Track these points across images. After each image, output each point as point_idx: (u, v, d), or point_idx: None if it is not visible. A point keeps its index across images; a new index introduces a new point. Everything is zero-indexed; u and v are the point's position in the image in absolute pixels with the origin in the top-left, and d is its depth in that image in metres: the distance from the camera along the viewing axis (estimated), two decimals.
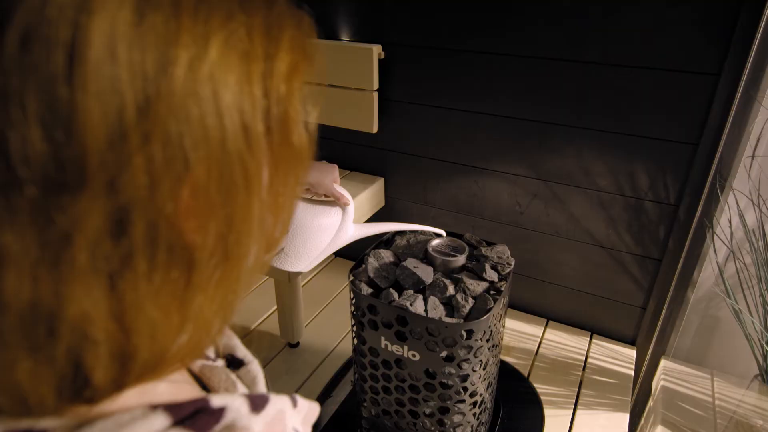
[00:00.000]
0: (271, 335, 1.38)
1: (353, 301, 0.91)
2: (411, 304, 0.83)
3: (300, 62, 0.26)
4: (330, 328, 1.41)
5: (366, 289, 0.90)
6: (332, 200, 0.83)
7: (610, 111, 1.13)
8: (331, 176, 0.80)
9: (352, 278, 0.94)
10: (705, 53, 1.01)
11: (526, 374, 1.26)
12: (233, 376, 0.38)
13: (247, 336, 1.37)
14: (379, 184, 1.48)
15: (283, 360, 1.30)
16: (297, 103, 0.26)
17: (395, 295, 0.87)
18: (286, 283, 1.21)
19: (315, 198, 0.84)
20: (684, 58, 1.03)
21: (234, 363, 0.42)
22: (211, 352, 0.39)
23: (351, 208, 0.85)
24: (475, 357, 0.85)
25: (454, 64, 1.26)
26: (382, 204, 1.53)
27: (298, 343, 1.34)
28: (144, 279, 0.21)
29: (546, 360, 1.30)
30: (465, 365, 0.85)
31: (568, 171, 1.24)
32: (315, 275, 1.64)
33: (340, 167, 1.57)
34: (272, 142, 0.25)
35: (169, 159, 0.20)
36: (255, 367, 0.42)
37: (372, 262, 0.94)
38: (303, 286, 1.58)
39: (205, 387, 0.36)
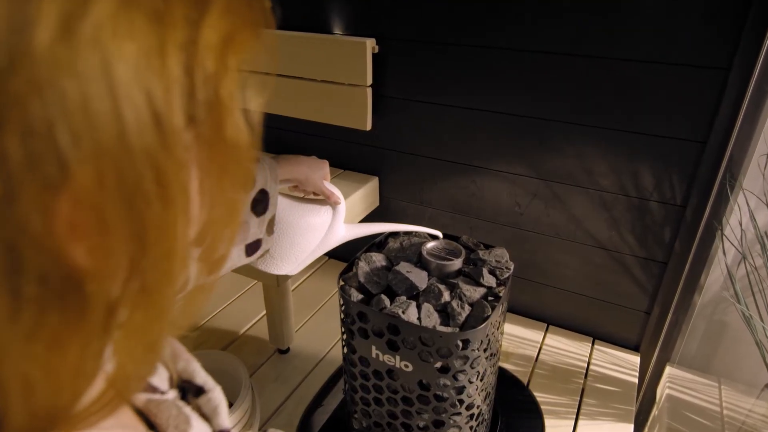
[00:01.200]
0: (260, 340, 1.32)
1: (342, 307, 0.86)
2: (403, 312, 0.78)
3: (238, 32, 0.20)
4: (321, 333, 1.36)
5: (356, 295, 0.85)
6: (322, 198, 0.78)
7: (614, 107, 1.08)
8: (320, 172, 0.75)
9: (341, 283, 0.89)
10: (714, 46, 0.96)
11: (525, 382, 1.21)
12: (187, 409, 0.32)
13: (235, 341, 1.32)
14: (373, 184, 1.43)
15: (273, 367, 1.25)
16: (232, 86, 0.21)
17: (387, 301, 0.82)
18: (274, 286, 1.16)
19: (303, 196, 0.79)
20: (692, 52, 0.98)
21: (193, 390, 0.37)
22: (162, 382, 0.34)
23: (342, 207, 0.79)
24: (472, 368, 0.80)
25: (451, 59, 1.21)
26: (377, 204, 1.48)
27: (288, 349, 1.29)
28: (5, 322, 0.16)
29: (546, 367, 1.25)
30: (461, 376, 0.80)
31: (570, 170, 1.19)
32: (306, 278, 1.58)
33: (332, 166, 1.52)
34: (200, 136, 0.20)
35: (33, 158, 0.15)
36: (217, 395, 0.37)
37: (362, 267, 0.88)
38: (294, 289, 1.53)
39: (152, 425, 0.30)
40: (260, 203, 0.62)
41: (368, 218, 1.46)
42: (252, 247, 0.64)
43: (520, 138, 1.21)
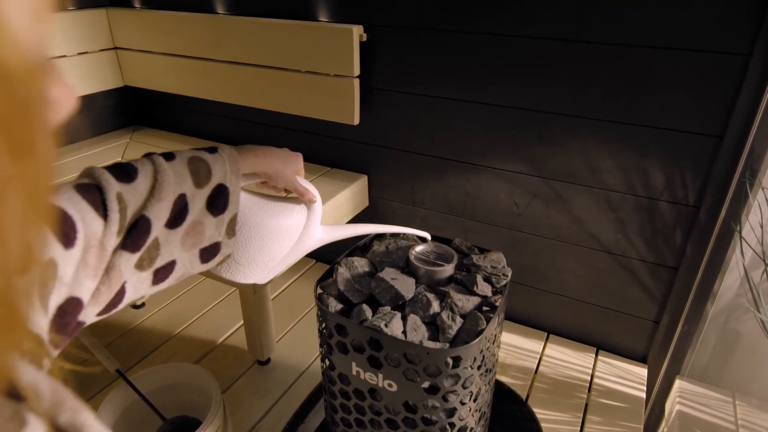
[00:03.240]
0: (238, 351, 1.23)
1: (320, 319, 0.76)
2: (386, 325, 0.69)
3: None
4: (305, 342, 1.26)
5: (335, 305, 0.76)
6: (295, 196, 0.68)
7: (621, 98, 0.99)
8: (293, 167, 0.66)
9: (319, 291, 0.79)
10: (733, 29, 0.87)
11: (524, 396, 1.12)
12: None
13: (211, 352, 1.23)
14: (361, 183, 1.34)
15: (251, 379, 1.15)
16: None
17: (368, 312, 0.73)
18: (251, 293, 1.06)
19: (274, 193, 0.69)
20: (708, 36, 0.89)
21: None
22: None
23: (318, 206, 0.70)
24: (464, 388, 0.71)
25: (444, 47, 1.12)
26: (366, 204, 1.39)
27: (268, 360, 1.19)
28: None
29: (547, 380, 1.16)
30: (452, 397, 0.71)
31: (572, 167, 1.10)
32: (289, 284, 1.49)
33: (318, 163, 1.43)
34: None
35: None
36: None
37: (342, 273, 0.79)
38: (275, 296, 1.43)
39: None
40: (218, 200, 0.53)
41: (357, 219, 1.37)
42: (209, 252, 0.55)
43: (519, 132, 1.12)
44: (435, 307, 0.74)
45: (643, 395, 1.13)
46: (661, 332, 1.16)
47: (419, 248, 0.83)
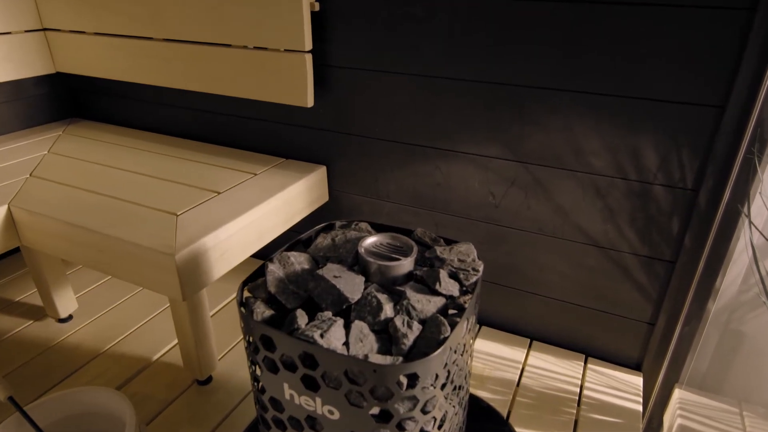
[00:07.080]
0: (176, 369, 1.06)
1: (244, 329, 0.61)
2: (322, 335, 0.54)
3: None
4: None
5: (262, 311, 0.61)
6: None
7: (609, 67, 0.86)
8: None
9: (246, 295, 0.64)
10: None
11: (505, 414, 0.97)
12: None
13: (144, 371, 1.06)
14: (319, 174, 1.18)
15: (187, 403, 0.98)
16: None
17: (302, 320, 0.58)
18: (180, 301, 0.90)
19: None
20: None
21: None
22: None
23: None
24: (425, 413, 0.56)
25: (408, 16, 0.98)
26: (326, 199, 1.24)
27: (209, 379, 1.03)
28: None
29: (530, 393, 1.01)
30: (409, 425, 0.56)
31: (554, 149, 0.96)
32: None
33: (271, 153, 1.27)
34: None
35: None
36: None
37: (274, 271, 0.64)
38: (222, 307, 1.27)
39: None
40: None
41: (315, 215, 1.22)
42: None
43: (493, 111, 0.98)
44: (387, 310, 0.59)
45: (640, 408, 0.99)
46: (657, 335, 1.02)
47: (371, 239, 0.68)
